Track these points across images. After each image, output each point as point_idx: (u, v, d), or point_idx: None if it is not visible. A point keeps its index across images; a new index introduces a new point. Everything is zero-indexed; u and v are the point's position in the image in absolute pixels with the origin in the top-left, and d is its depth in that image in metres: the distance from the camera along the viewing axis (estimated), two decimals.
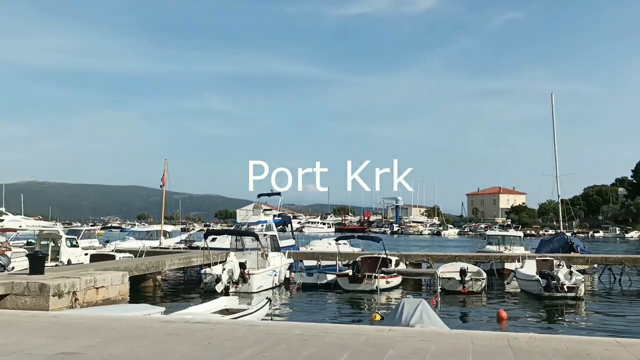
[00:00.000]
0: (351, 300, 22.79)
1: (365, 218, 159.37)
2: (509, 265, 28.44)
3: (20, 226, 70.53)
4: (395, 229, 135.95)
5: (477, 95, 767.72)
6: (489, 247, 36.19)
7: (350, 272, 25.41)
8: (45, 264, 18.46)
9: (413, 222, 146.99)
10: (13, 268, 24.60)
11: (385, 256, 26.24)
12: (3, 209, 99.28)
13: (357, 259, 26.27)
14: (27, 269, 20.42)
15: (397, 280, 25.62)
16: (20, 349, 6.69)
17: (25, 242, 42.11)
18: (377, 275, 23.72)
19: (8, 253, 28.67)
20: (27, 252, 29.06)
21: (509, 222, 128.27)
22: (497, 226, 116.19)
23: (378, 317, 13.73)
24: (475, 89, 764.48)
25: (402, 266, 27.81)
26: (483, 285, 24.13)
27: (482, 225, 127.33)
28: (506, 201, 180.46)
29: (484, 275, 25.11)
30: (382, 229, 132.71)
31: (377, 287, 22.98)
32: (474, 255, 31.53)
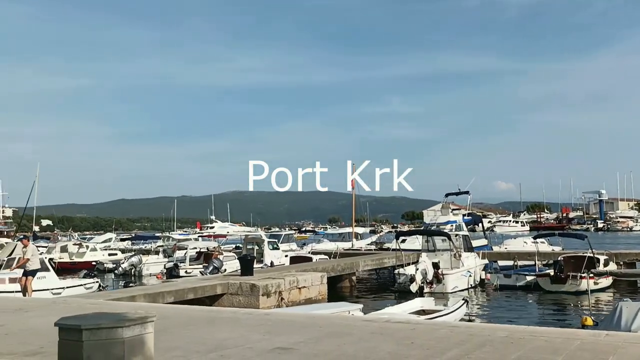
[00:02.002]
0: (554, 302, 21.31)
1: (564, 214, 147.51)
2: None
3: (228, 232, 77.99)
4: (600, 225, 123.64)
5: None
6: None
7: (551, 272, 23.77)
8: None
9: (621, 217, 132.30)
10: (225, 270, 27.27)
11: (591, 255, 24.05)
12: (213, 217, 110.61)
13: (559, 258, 24.48)
14: (237, 270, 22.52)
15: (606, 281, 23.35)
16: (242, 343, 7.39)
17: (234, 246, 46.43)
18: (583, 275, 21.85)
19: (220, 257, 31.85)
20: (236, 256, 32.05)
21: None
22: None
23: (589, 321, 12.62)
24: None
25: (612, 266, 25.26)
26: None
27: None
28: None
29: None
30: (584, 226, 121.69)
31: (586, 289, 21.17)
32: None
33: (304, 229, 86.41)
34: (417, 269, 22.76)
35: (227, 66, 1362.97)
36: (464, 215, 38.15)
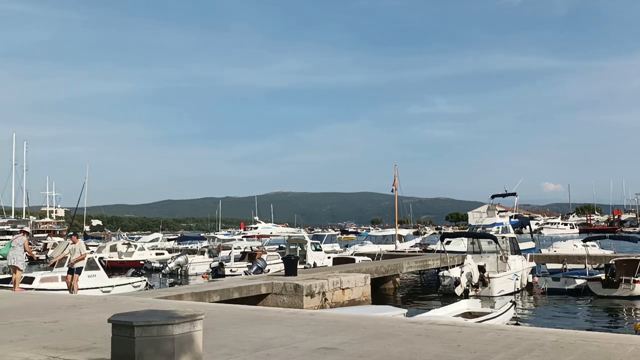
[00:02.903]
0: (606, 307, 20.64)
1: (615, 217, 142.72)
2: None
3: (271, 232, 78.64)
4: None
5: None
6: None
7: (603, 276, 23.05)
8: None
9: None
10: (269, 270, 27.52)
11: None
12: (257, 218, 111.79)
13: (611, 262, 23.71)
14: (280, 270, 22.72)
15: None
16: (287, 343, 7.44)
17: (277, 246, 46.82)
18: (637, 279, 21.12)
19: (264, 257, 32.17)
20: (280, 256, 32.32)
21: None
22: None
23: None
24: None
25: None
26: None
27: None
28: None
29: None
30: (638, 229, 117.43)
31: None
32: None
33: (347, 230, 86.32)
34: (462, 272, 22.44)
35: (270, 68, 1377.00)
36: (510, 217, 37.43)
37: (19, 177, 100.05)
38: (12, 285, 17.21)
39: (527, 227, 41.38)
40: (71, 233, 19.74)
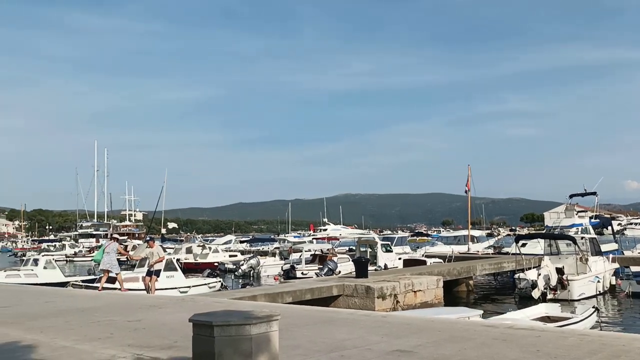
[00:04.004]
0: None
1: None
2: None
3: (340, 234, 78.68)
4: None
5: None
6: None
7: None
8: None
9: None
10: (340, 272, 27.61)
11: None
12: (326, 220, 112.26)
13: None
14: (351, 272, 22.73)
15: None
16: (361, 344, 7.44)
17: (347, 248, 46.88)
18: None
19: (334, 259, 32.30)
20: (350, 258, 32.35)
21: None
22: None
23: None
24: None
25: None
26: None
27: None
28: None
29: None
30: None
31: None
32: None
33: (417, 231, 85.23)
34: (539, 274, 21.68)
35: (339, 71, 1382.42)
36: (590, 217, 35.84)
37: (101, 183, 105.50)
38: (97, 285, 18.17)
39: (609, 227, 39.43)
40: (148, 238, 20.61)
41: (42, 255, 34.62)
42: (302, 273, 31.32)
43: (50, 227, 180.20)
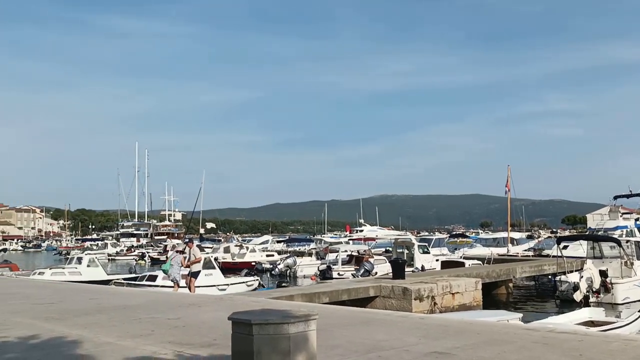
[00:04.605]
0: None
1: None
2: None
3: (377, 235, 78.39)
4: None
5: None
6: None
7: None
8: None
9: None
10: (376, 273, 27.52)
11: None
12: (362, 221, 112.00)
13: None
14: (388, 273, 22.63)
15: None
16: (398, 346, 7.42)
17: (383, 249, 46.66)
18: None
19: (371, 259, 32.20)
20: (387, 259, 32.20)
21: None
22: None
23: None
24: None
25: None
26: None
27: None
28: None
29: None
30: None
31: None
32: None
33: (456, 232, 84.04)
34: (581, 277, 21.16)
35: (376, 72, 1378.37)
36: (636, 219, 34.78)
37: (142, 183, 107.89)
38: (140, 283, 18.55)
39: None
40: (186, 240, 21.02)
41: (86, 254, 35.58)
42: (339, 273, 31.33)
43: (93, 227, 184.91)
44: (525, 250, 42.46)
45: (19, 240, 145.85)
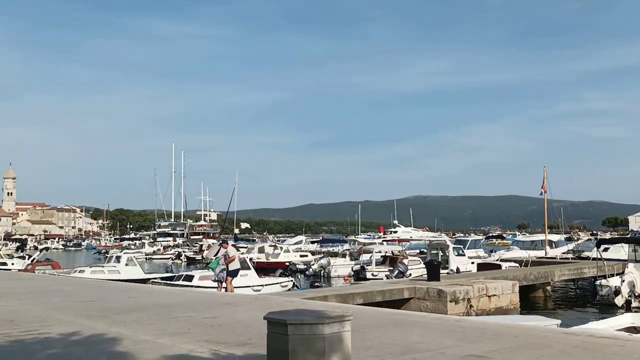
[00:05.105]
0: None
1: None
2: None
3: (411, 237, 77.87)
4: None
5: None
6: None
7: None
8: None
9: None
10: (410, 275, 27.33)
11: None
12: (396, 222, 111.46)
13: None
14: (422, 275, 22.46)
15: None
16: (434, 348, 7.35)
17: (418, 251, 46.31)
18: None
19: (405, 261, 31.99)
20: (421, 261, 31.94)
21: None
22: None
23: None
24: None
25: None
26: None
27: None
28: None
29: None
30: None
31: None
32: None
33: (494, 234, 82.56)
34: (623, 281, 20.61)
35: (410, 71, 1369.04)
36: None
37: (178, 184, 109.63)
38: (176, 283, 18.80)
39: None
40: (221, 240, 21.22)
41: (124, 253, 36.34)
42: (372, 274, 31.24)
43: (131, 226, 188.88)
44: (564, 252, 41.55)
45: (60, 239, 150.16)
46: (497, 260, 34.15)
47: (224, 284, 18.03)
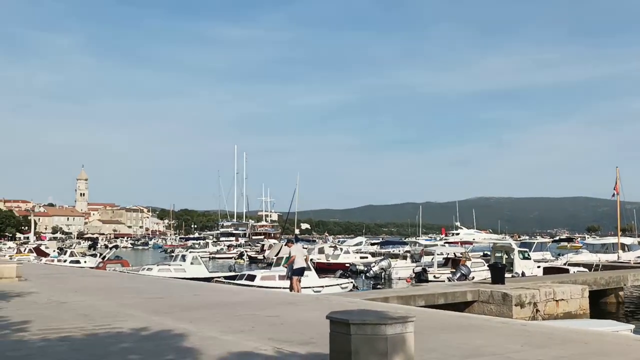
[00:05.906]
0: None
1: None
2: None
3: (474, 239, 76.24)
4: None
5: None
6: None
7: None
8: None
9: None
10: (473, 277, 26.74)
11: None
12: (458, 224, 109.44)
13: None
14: (486, 278, 21.92)
15: None
16: (500, 352, 7.19)
17: (481, 253, 45.30)
18: None
19: (468, 263, 31.34)
20: (485, 263, 31.22)
21: None
22: None
23: None
24: None
25: None
26: None
27: None
28: None
29: None
30: None
31: None
32: None
33: (565, 237, 79.58)
34: None
35: (473, 71, 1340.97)
36: None
37: (240, 185, 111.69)
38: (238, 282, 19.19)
39: None
40: (286, 240, 21.48)
41: (189, 252, 37.37)
42: (434, 276, 30.79)
43: (195, 226, 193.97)
44: (638, 257, 39.63)
45: (129, 239, 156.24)
46: (564, 264, 32.91)
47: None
